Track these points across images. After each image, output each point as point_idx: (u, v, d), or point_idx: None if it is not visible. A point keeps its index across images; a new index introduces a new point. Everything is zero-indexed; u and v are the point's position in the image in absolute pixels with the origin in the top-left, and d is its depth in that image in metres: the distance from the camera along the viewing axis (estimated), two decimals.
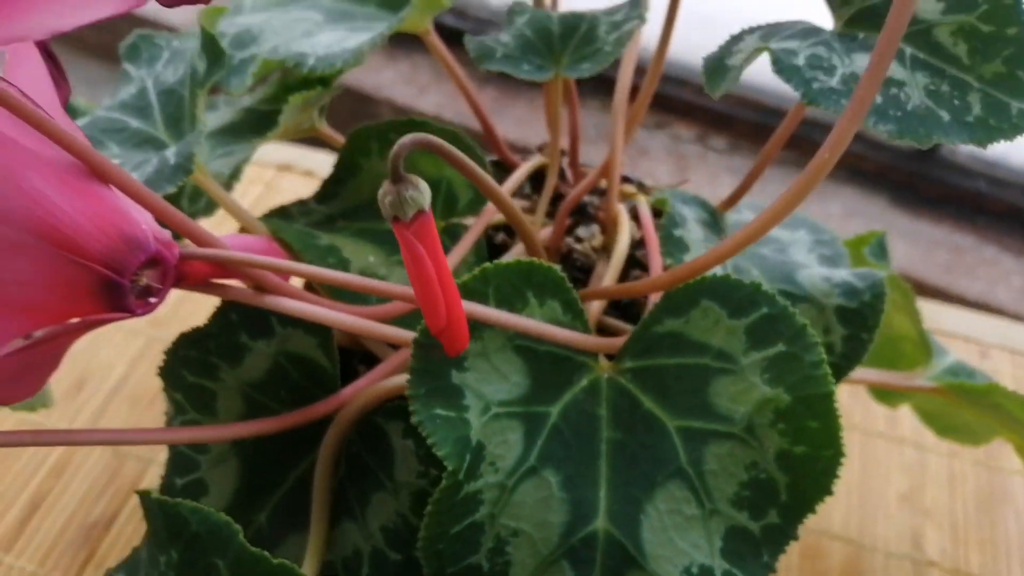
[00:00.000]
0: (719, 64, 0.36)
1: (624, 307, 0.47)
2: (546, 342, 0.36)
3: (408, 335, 0.35)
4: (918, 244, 1.33)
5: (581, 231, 0.50)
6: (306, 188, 0.80)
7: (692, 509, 0.36)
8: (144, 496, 0.31)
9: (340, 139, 0.48)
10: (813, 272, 0.43)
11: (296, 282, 0.44)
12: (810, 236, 0.48)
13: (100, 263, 0.27)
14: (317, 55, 0.42)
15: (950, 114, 0.32)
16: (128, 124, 0.40)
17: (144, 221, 0.29)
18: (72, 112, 0.46)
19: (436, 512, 0.32)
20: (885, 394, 0.54)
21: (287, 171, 0.85)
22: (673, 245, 0.40)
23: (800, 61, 0.33)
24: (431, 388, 0.33)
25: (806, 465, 0.36)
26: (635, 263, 0.49)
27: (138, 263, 0.28)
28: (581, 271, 0.49)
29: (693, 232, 0.42)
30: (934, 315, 0.75)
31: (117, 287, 0.28)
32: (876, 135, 0.41)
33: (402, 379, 0.37)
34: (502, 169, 0.55)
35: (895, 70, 0.33)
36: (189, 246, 0.33)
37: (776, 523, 0.36)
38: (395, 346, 0.40)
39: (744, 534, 0.36)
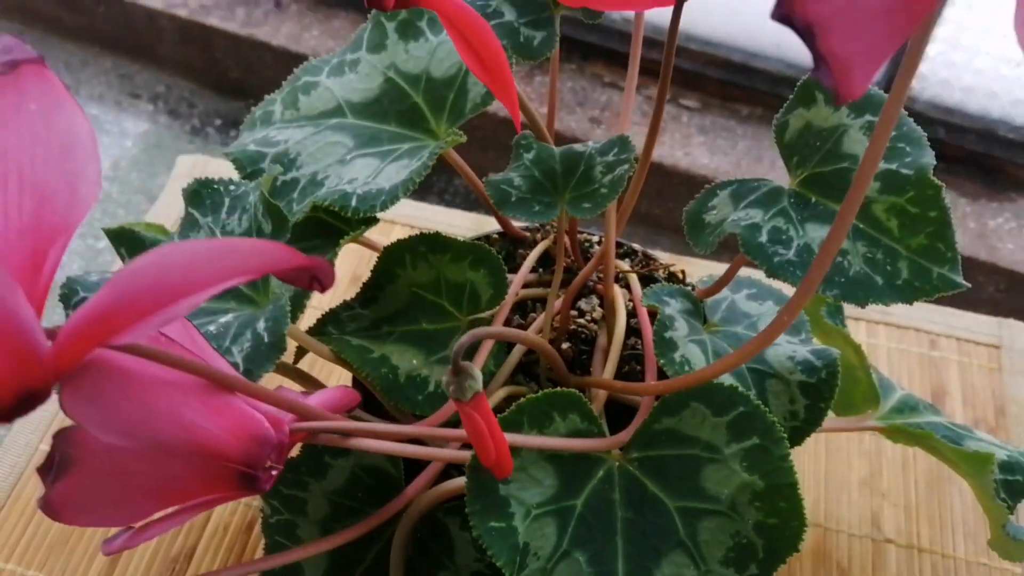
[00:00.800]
0: (697, 219, 0.44)
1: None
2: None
3: (460, 455, 0.44)
4: None
5: (583, 304, 0.59)
6: None
7: (691, 572, 0.45)
8: None
9: (375, 243, 0.56)
10: (780, 350, 0.52)
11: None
12: (776, 305, 0.57)
13: (239, 463, 0.36)
14: (358, 195, 0.49)
15: (883, 279, 0.40)
16: None
17: (264, 414, 0.37)
18: (138, 243, 0.53)
19: None
20: None
21: None
22: (665, 346, 0.49)
23: (763, 237, 0.41)
24: (485, 504, 0.43)
25: (778, 532, 0.45)
26: (630, 331, 0.58)
27: (267, 456, 0.36)
28: (585, 343, 0.57)
29: (680, 329, 0.50)
30: (886, 309, 0.85)
31: (252, 477, 0.36)
32: None
33: (455, 483, 0.46)
34: (508, 240, 0.63)
35: None
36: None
37: (756, 573, 0.46)
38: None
39: None
